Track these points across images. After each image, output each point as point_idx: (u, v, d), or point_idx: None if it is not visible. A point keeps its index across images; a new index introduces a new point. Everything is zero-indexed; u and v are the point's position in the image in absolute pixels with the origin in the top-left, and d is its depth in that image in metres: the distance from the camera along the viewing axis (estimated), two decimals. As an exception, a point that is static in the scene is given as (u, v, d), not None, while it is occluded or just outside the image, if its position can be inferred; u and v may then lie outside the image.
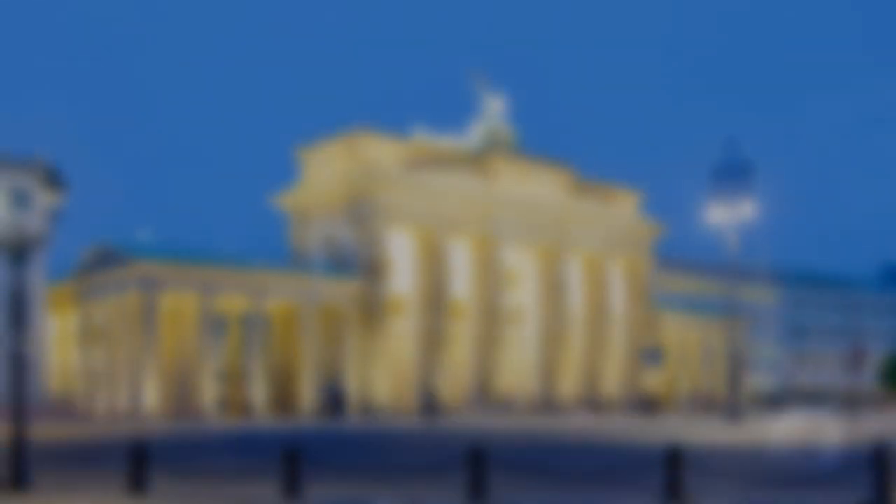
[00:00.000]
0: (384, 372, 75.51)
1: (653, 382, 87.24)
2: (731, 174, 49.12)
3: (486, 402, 79.63)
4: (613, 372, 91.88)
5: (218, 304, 70.49)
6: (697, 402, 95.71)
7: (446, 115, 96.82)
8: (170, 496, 16.63)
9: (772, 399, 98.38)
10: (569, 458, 26.39)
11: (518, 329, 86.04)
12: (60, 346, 77.47)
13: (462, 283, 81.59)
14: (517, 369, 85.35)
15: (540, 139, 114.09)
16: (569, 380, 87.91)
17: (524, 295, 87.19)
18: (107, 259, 70.26)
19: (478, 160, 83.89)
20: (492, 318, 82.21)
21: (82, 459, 26.92)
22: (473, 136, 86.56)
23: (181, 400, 69.70)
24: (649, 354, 75.74)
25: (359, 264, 76.06)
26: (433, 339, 78.69)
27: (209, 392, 69.65)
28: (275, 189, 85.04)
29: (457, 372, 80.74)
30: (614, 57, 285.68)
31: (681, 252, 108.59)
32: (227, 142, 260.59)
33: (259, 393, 71.25)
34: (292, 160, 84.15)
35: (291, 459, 16.19)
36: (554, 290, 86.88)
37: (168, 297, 68.51)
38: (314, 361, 73.91)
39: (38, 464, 20.57)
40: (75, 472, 22.19)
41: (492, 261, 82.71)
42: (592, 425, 51.09)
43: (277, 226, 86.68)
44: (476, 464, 15.52)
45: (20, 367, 17.92)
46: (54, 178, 18.31)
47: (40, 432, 34.68)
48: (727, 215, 50.00)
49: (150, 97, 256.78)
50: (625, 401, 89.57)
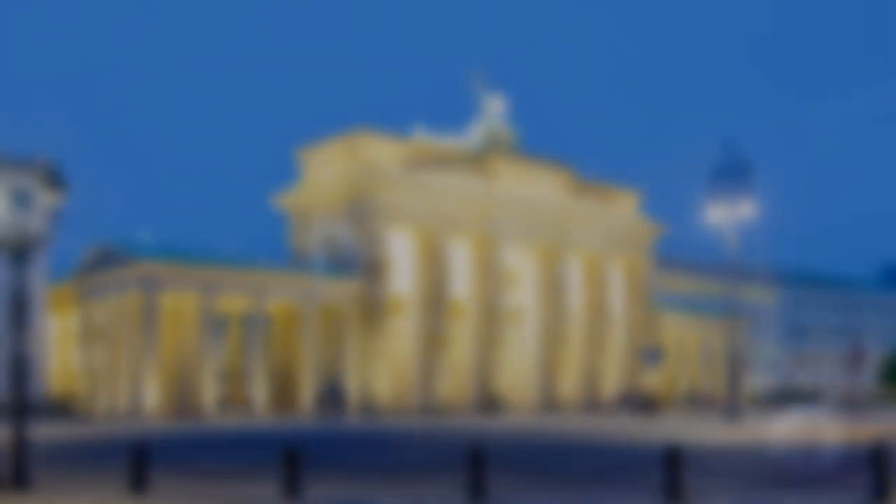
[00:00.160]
0: (384, 371, 75.53)
1: (652, 382, 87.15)
2: (731, 174, 49.06)
3: (483, 402, 79.72)
4: (613, 372, 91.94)
5: (218, 304, 70.54)
6: (697, 402, 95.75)
7: (446, 115, 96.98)
8: (170, 495, 16.67)
9: (771, 399, 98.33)
10: (568, 458, 26.42)
11: (518, 329, 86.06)
12: (61, 346, 77.52)
13: (462, 283, 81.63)
14: (517, 369, 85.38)
15: (540, 139, 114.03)
16: (568, 380, 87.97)
17: (524, 295, 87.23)
18: (107, 259, 70.30)
19: (478, 160, 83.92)
20: (492, 318, 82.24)
21: (83, 459, 26.96)
22: (473, 136, 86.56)
23: (182, 399, 69.77)
24: (649, 354, 75.62)
25: (359, 264, 76.09)
26: (433, 339, 78.73)
27: (210, 392, 69.68)
28: (275, 189, 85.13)
29: (457, 372, 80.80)
30: (614, 57, 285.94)
31: (680, 252, 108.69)
32: (227, 142, 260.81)
33: (259, 392, 71.29)
34: (292, 160, 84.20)
35: (291, 459, 16.23)
36: (554, 290, 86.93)
37: (169, 297, 68.55)
38: (314, 361, 73.96)
39: (39, 463, 20.62)
40: (76, 471, 22.24)
41: (492, 261, 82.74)
42: (592, 425, 51.11)
43: (278, 226, 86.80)
44: (476, 463, 15.55)
45: (21, 367, 17.96)
46: (55, 179, 18.34)
47: (41, 432, 34.71)
48: (727, 215, 49.94)
49: (150, 97, 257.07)
50: (624, 400, 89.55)
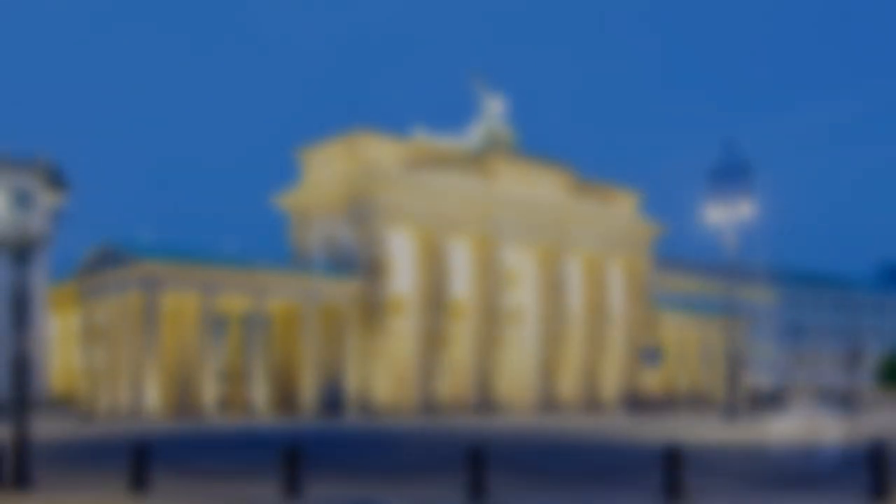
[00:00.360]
0: (384, 371, 75.56)
1: (652, 382, 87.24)
2: (730, 174, 49.18)
3: (485, 402, 79.77)
4: (613, 371, 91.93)
5: (219, 304, 70.58)
6: (696, 401, 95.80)
7: (446, 115, 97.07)
8: (171, 495, 16.72)
9: (770, 398, 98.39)
10: (568, 458, 26.49)
11: (518, 329, 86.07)
12: (62, 346, 77.58)
13: (462, 283, 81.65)
14: (517, 369, 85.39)
15: (540, 139, 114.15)
16: (568, 379, 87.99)
17: (524, 295, 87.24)
18: (108, 259, 70.34)
19: (478, 160, 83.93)
20: (492, 317, 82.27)
21: (84, 458, 27.02)
22: (473, 136, 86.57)
23: (182, 399, 69.81)
24: (649, 354, 75.72)
25: (359, 264, 76.11)
26: (433, 339, 78.75)
27: (210, 391, 69.71)
28: (275, 189, 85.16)
29: (457, 372, 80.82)
30: (614, 57, 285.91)
31: (680, 252, 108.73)
32: (228, 142, 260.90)
33: (260, 392, 71.34)
34: (293, 160, 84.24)
35: (291, 459, 16.28)
36: (554, 290, 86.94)
37: (169, 297, 68.59)
38: (314, 361, 73.99)
39: (40, 463, 20.70)
40: (77, 470, 22.30)
41: (492, 261, 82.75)
42: (592, 425, 51.16)
43: (278, 226, 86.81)
44: (476, 463, 15.58)
45: (22, 367, 18.03)
46: (57, 179, 18.42)
47: (42, 431, 34.78)
48: (726, 215, 50.05)
49: (151, 97, 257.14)
50: (624, 400, 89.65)
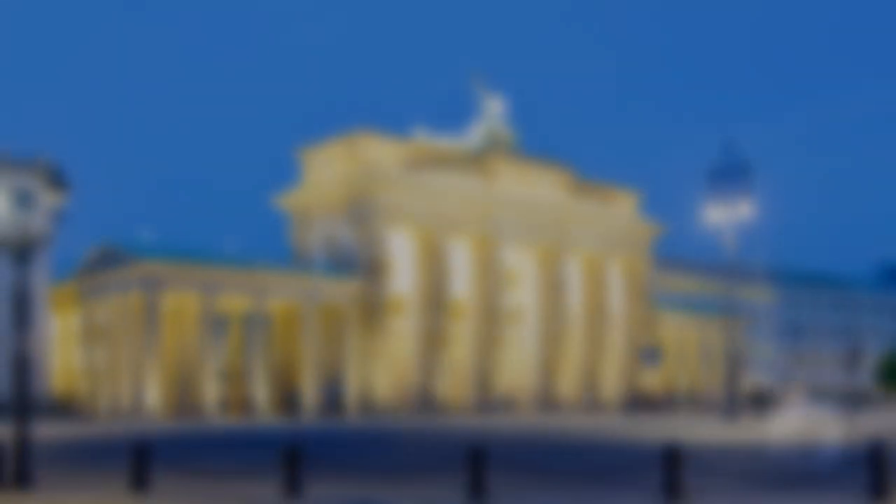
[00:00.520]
0: (384, 371, 75.63)
1: (651, 381, 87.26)
2: (730, 174, 49.22)
3: (485, 401, 79.81)
4: (612, 371, 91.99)
5: (219, 304, 70.63)
6: (696, 401, 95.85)
7: (446, 115, 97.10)
8: (171, 495, 16.77)
9: (764, 397, 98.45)
10: (568, 458, 26.54)
11: (518, 329, 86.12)
12: (63, 346, 77.58)
13: (462, 283, 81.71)
14: (517, 369, 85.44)
15: (540, 140, 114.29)
16: (568, 379, 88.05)
17: (524, 295, 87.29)
18: (109, 259, 70.40)
19: (478, 161, 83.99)
20: (492, 317, 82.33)
21: (84, 458, 27.06)
22: (473, 136, 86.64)
23: (183, 399, 69.86)
24: (648, 354, 75.70)
25: (359, 264, 76.18)
26: (433, 339, 78.82)
27: (211, 391, 69.78)
28: (276, 189, 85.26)
29: (457, 371, 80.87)
30: (614, 57, 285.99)
31: (679, 252, 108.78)
32: (228, 142, 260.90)
33: (260, 392, 71.41)
34: (293, 161, 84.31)
35: (292, 458, 16.31)
36: (553, 289, 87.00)
37: (170, 297, 68.67)
38: (315, 361, 74.06)
39: (41, 462, 20.74)
40: (78, 470, 22.34)
41: (492, 261, 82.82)
42: (592, 424, 51.20)
43: (279, 226, 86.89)
44: (476, 463, 15.61)
45: (23, 367, 18.08)
46: (57, 179, 18.46)
47: (43, 431, 34.83)
48: (725, 215, 50.09)
49: (151, 97, 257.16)
50: (624, 399, 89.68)
